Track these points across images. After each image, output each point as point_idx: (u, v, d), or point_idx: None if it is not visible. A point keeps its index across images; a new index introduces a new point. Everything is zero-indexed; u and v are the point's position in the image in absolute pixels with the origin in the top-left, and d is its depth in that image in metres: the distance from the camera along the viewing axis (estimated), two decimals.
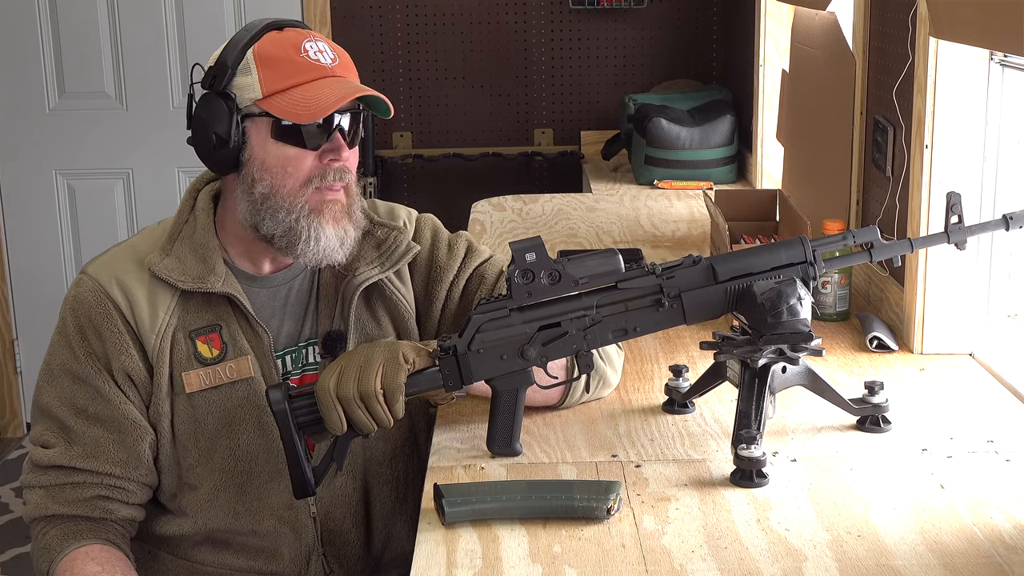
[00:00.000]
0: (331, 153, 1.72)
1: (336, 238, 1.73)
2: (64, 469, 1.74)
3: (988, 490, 1.60)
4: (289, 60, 1.70)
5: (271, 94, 1.70)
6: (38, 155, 4.43)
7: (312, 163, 1.72)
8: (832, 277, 2.30)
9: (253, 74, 1.70)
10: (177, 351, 1.75)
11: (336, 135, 1.72)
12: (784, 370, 1.71)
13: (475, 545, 1.48)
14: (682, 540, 1.48)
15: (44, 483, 1.75)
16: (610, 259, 1.65)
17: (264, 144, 1.71)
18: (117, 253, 1.81)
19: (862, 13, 2.57)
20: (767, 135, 3.64)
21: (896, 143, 2.33)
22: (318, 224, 1.72)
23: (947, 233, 1.70)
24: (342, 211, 1.74)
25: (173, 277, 1.74)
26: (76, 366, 1.75)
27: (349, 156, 1.75)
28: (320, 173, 1.72)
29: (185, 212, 1.82)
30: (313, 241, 1.72)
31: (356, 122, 1.76)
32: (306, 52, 1.71)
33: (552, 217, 3.41)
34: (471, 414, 1.87)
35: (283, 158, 1.71)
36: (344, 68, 1.75)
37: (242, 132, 1.71)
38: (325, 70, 1.72)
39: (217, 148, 1.71)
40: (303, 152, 1.71)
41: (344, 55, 1.77)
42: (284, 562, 1.81)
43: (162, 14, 4.36)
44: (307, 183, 1.71)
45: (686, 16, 4.48)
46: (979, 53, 2.07)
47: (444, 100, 4.54)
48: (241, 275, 1.80)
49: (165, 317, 1.75)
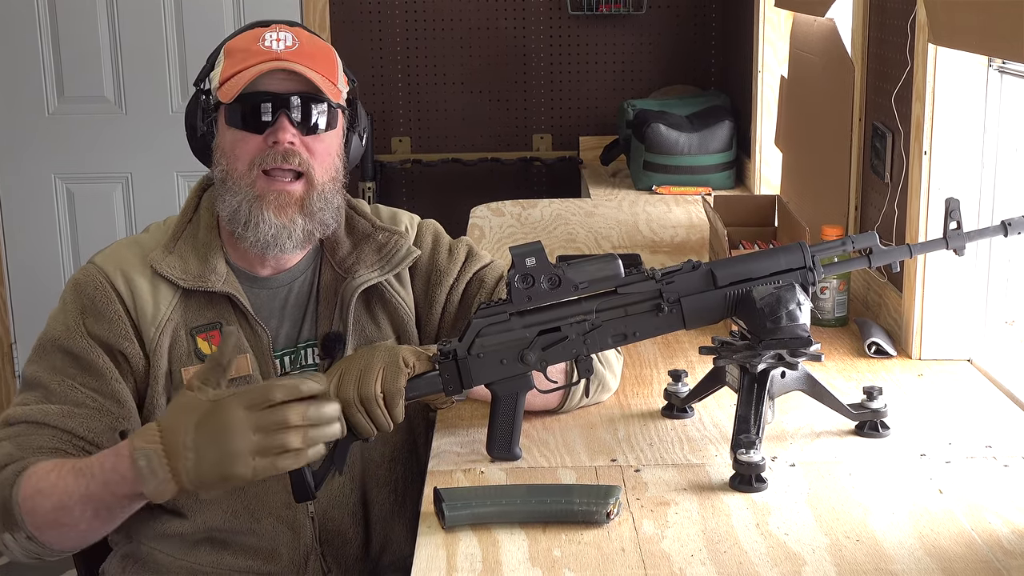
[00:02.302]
0: (272, 135, 1.74)
1: (279, 227, 1.74)
2: (34, 424, 1.68)
3: (986, 495, 1.60)
4: (245, 49, 1.76)
5: (223, 81, 1.76)
6: (37, 159, 4.43)
7: (257, 145, 1.75)
8: (831, 283, 2.31)
9: (219, 66, 1.78)
10: (177, 347, 1.76)
11: (281, 118, 1.73)
12: (783, 375, 1.71)
13: (475, 549, 1.48)
14: (681, 544, 1.48)
15: (10, 435, 1.68)
16: (610, 264, 1.66)
17: (223, 131, 1.78)
18: (123, 247, 1.82)
19: (861, 19, 2.57)
20: (766, 141, 3.64)
21: (895, 149, 2.33)
22: (259, 209, 1.74)
23: (946, 239, 1.70)
24: (290, 201, 1.74)
25: (175, 275, 1.76)
26: (71, 342, 1.73)
27: (308, 143, 1.75)
28: (263, 155, 1.74)
29: (189, 211, 1.84)
30: (252, 225, 1.74)
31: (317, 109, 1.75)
32: (263, 40, 1.76)
33: (551, 222, 3.42)
34: (471, 418, 1.87)
35: (233, 141, 1.76)
36: (300, 54, 1.76)
37: (212, 122, 1.79)
38: (271, 54, 1.74)
39: (197, 140, 1.82)
40: (248, 135, 1.75)
41: (314, 45, 1.78)
42: (282, 562, 1.81)
43: (161, 19, 4.37)
44: (252, 165, 1.74)
45: (685, 22, 4.48)
46: (978, 60, 2.07)
47: (443, 105, 4.55)
48: (242, 275, 1.81)
49: (166, 312, 1.75)
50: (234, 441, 1.42)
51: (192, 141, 1.83)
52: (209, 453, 1.43)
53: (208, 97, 1.80)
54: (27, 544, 1.61)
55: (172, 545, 1.82)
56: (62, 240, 4.49)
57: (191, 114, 1.82)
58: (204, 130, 1.80)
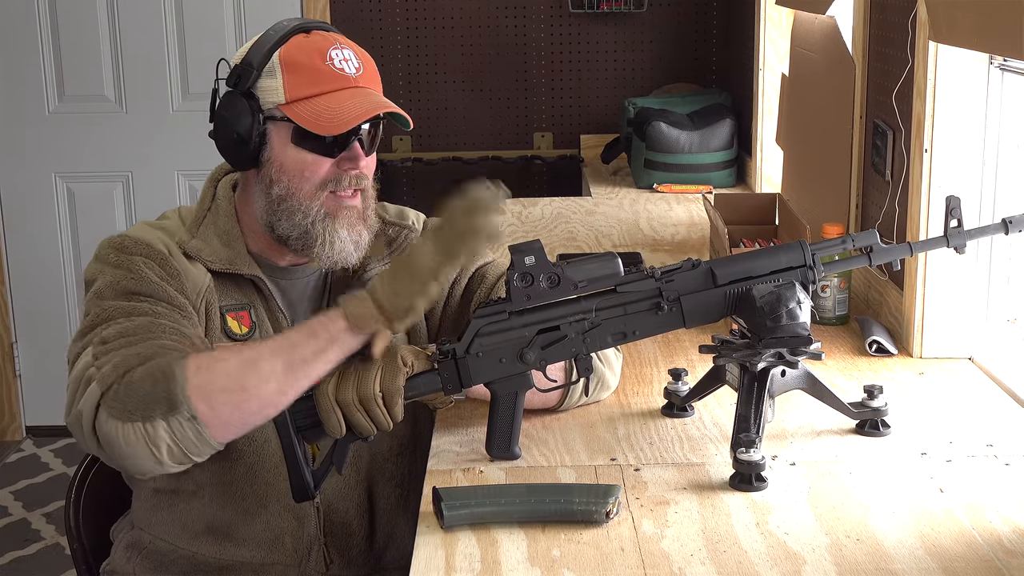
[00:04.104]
0: (349, 161, 1.75)
1: (351, 242, 1.76)
2: (128, 336, 1.62)
3: (987, 494, 1.59)
4: (314, 67, 1.73)
5: (294, 100, 1.72)
6: (38, 158, 4.43)
7: (329, 169, 1.75)
8: (831, 281, 2.30)
9: (278, 78, 1.73)
10: (211, 322, 1.77)
11: (355, 144, 1.75)
12: (783, 374, 1.71)
13: (474, 548, 1.48)
14: (681, 544, 1.48)
15: (117, 347, 1.60)
16: (609, 263, 1.65)
17: (284, 147, 1.74)
18: (148, 228, 1.81)
19: (862, 17, 2.57)
20: (767, 139, 3.64)
21: (896, 147, 2.33)
22: (333, 228, 1.75)
23: (946, 237, 1.70)
24: (357, 216, 1.77)
25: (203, 256, 1.77)
26: (131, 284, 1.69)
27: (367, 163, 1.78)
28: (336, 178, 1.75)
29: (207, 200, 1.84)
30: (328, 245, 1.75)
31: (375, 129, 1.78)
32: (331, 60, 1.74)
33: (551, 221, 3.41)
34: (470, 417, 1.87)
35: (301, 162, 1.74)
36: (368, 78, 1.77)
37: (263, 133, 1.74)
38: (349, 80, 1.74)
39: (237, 146, 1.75)
40: (321, 159, 1.74)
41: (369, 63, 1.79)
42: (286, 551, 1.81)
43: (162, 17, 4.36)
44: (322, 187, 1.74)
45: (686, 20, 4.48)
46: (979, 57, 2.07)
47: (444, 103, 4.54)
48: (263, 264, 1.83)
49: (204, 282, 1.76)
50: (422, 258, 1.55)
51: (233, 147, 1.75)
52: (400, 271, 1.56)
53: (258, 104, 1.73)
54: (184, 430, 1.52)
55: (175, 534, 1.82)
56: (63, 239, 4.49)
57: (235, 120, 1.73)
58: (256, 141, 1.74)
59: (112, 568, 1.88)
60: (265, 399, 1.55)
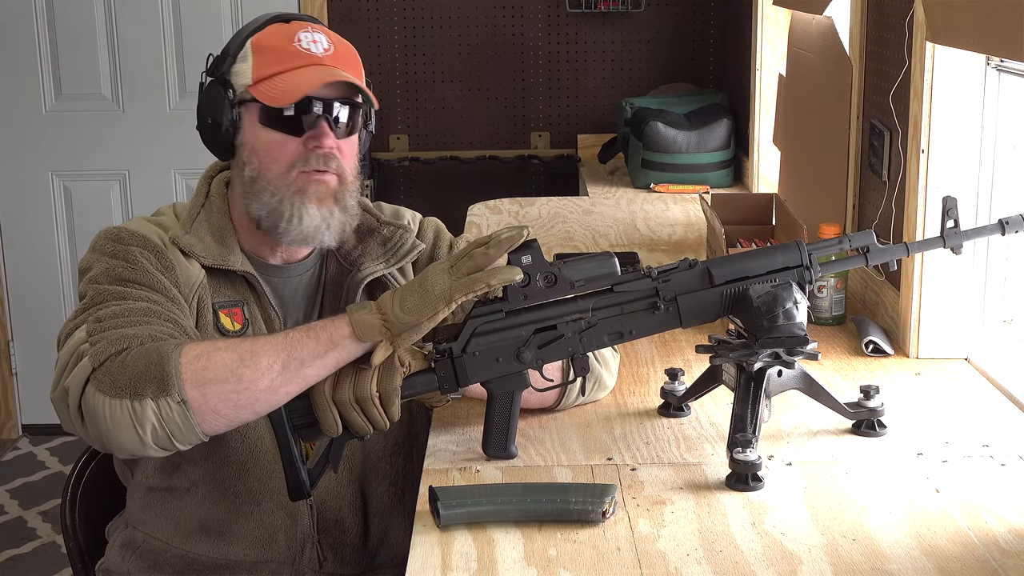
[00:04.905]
0: (314, 140, 1.75)
1: (320, 218, 1.76)
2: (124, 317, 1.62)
3: (983, 494, 1.60)
4: (281, 48, 1.75)
5: (259, 80, 1.75)
6: (34, 156, 4.43)
7: (296, 148, 1.75)
8: (828, 281, 2.31)
9: (248, 61, 1.76)
10: (202, 318, 1.76)
11: (322, 123, 1.74)
12: (780, 374, 1.71)
13: (470, 548, 1.48)
14: (677, 544, 1.48)
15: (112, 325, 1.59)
16: (606, 262, 1.65)
17: (254, 129, 1.76)
18: (144, 222, 1.81)
19: (859, 18, 2.57)
20: (764, 139, 3.64)
21: (892, 147, 2.33)
22: (301, 203, 1.75)
23: (943, 237, 1.70)
24: (328, 192, 1.76)
25: (197, 252, 1.77)
26: (127, 272, 1.69)
27: (341, 145, 1.77)
28: (304, 158, 1.75)
29: (201, 196, 1.84)
30: (296, 219, 1.75)
31: (352, 113, 1.78)
32: (299, 41, 1.76)
33: (548, 220, 3.41)
34: (467, 417, 1.87)
35: (269, 143, 1.75)
36: (337, 58, 1.77)
37: (237, 117, 1.77)
38: (314, 58, 1.75)
39: (213, 131, 1.78)
40: (287, 138, 1.75)
41: (343, 46, 1.80)
42: (279, 549, 1.81)
43: (159, 16, 4.36)
44: (291, 168, 1.75)
45: (683, 20, 4.48)
46: (976, 58, 2.07)
47: (441, 103, 4.54)
48: (255, 261, 1.83)
49: (199, 279, 1.76)
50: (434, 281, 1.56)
51: (211, 134, 1.78)
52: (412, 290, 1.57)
53: (231, 91, 1.76)
54: (172, 414, 1.52)
55: (168, 533, 1.82)
56: (59, 238, 4.49)
57: (211, 107, 1.77)
58: (229, 125, 1.76)
59: (107, 567, 1.88)
60: (258, 394, 1.55)
